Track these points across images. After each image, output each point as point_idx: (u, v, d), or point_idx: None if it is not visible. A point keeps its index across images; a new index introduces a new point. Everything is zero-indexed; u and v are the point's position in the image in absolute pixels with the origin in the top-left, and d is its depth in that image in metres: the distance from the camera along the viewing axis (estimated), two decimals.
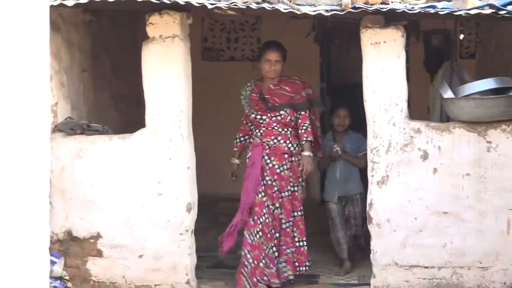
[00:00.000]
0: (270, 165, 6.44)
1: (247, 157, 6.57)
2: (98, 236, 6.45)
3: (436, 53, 8.47)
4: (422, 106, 8.34)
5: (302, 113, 6.50)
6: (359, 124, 6.82)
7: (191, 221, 6.34)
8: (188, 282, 6.36)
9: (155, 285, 6.39)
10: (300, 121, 6.49)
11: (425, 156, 6.03)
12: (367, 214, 6.22)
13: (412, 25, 7.86)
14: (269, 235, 6.37)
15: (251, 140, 6.61)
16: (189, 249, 6.34)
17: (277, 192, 6.43)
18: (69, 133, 6.49)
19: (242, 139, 6.78)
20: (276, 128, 6.49)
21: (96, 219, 6.41)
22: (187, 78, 6.32)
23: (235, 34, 10.23)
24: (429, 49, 8.79)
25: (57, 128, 6.53)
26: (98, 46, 7.49)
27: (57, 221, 6.45)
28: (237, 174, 6.80)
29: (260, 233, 6.35)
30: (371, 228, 6.15)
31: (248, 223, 6.37)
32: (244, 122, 6.77)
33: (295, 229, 6.51)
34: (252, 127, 6.66)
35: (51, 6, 5.87)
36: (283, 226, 6.48)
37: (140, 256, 6.38)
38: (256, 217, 6.35)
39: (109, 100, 7.81)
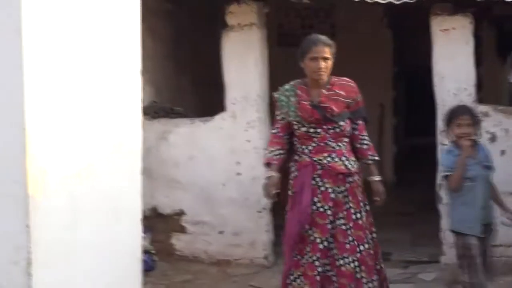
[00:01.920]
0: (323, 188, 5.03)
1: (290, 178, 5.15)
2: (181, 213, 6.88)
3: (509, 37, 8.58)
4: (495, 90, 8.49)
5: (360, 122, 5.19)
6: (432, 107, 6.86)
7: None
8: (266, 257, 6.71)
9: (235, 259, 6.77)
10: (357, 132, 5.17)
11: (493, 139, 6.23)
12: (435, 193, 6.44)
13: (484, 10, 8.00)
14: (317, 277, 4.98)
15: (295, 157, 5.15)
16: (267, 226, 6.69)
17: (330, 223, 5.01)
18: (154, 116, 6.92)
19: (280, 152, 5.14)
20: (330, 143, 5.07)
21: (179, 197, 6.84)
22: (264, 64, 6.66)
23: (309, 21, 10.51)
24: (501, 33, 8.91)
25: (144, 112, 6.96)
26: (179, 34, 7.90)
27: (144, 198, 6.87)
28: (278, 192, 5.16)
29: (302, 277, 5.04)
30: (441, 207, 6.38)
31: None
32: (280, 133, 5.16)
33: (363, 267, 5.02)
34: (296, 142, 5.16)
35: None
36: (337, 263, 5.01)
37: (221, 232, 6.77)
38: (298, 257, 5.04)
39: (190, 85, 8.21)
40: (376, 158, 5.16)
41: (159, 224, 6.89)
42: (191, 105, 7.94)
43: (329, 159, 5.03)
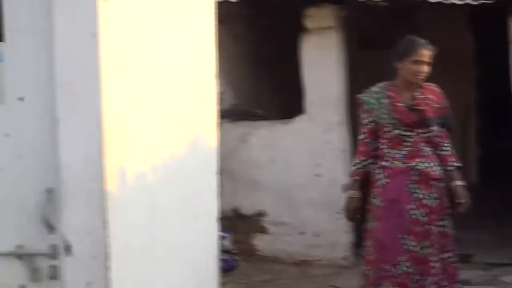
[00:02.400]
0: (417, 195, 4.96)
1: (377, 186, 5.02)
2: (262, 214, 7.02)
3: None
4: None
5: (443, 129, 5.16)
6: None
7: None
8: (345, 258, 6.79)
9: (315, 260, 6.87)
10: (439, 139, 5.12)
11: None
12: None
13: None
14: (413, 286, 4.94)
15: (383, 163, 5.04)
16: (346, 227, 6.76)
17: (425, 229, 4.98)
18: (235, 118, 7.08)
19: (365, 163, 5.08)
20: (422, 147, 5.02)
21: (260, 198, 6.98)
22: (342, 66, 6.74)
23: (390, 23, 10.46)
24: None
25: (224, 115, 7.13)
26: (259, 37, 8.04)
27: (226, 199, 7.06)
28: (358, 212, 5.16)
29: None
30: None
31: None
32: (367, 139, 5.08)
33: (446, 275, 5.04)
34: (384, 146, 5.06)
35: (217, 2, 6.48)
36: (432, 271, 4.99)
37: (301, 233, 6.88)
38: (391, 268, 4.95)
39: (270, 88, 8.34)
40: (458, 164, 5.11)
41: (240, 225, 7.05)
42: (272, 107, 8.07)
43: (423, 164, 4.98)
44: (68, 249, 3.28)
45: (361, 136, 5.09)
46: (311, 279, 6.57)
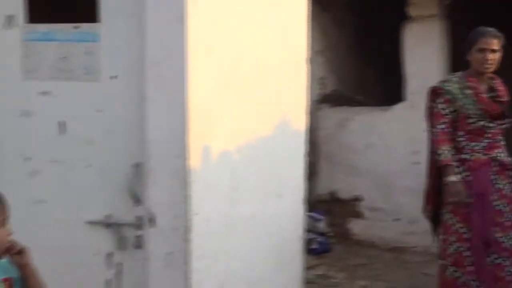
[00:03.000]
0: (496, 186, 4.89)
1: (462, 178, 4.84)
2: (358, 199, 7.07)
3: None
4: None
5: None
6: None
7: None
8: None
9: (410, 247, 6.86)
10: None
11: None
12: None
13: None
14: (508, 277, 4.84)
15: (462, 156, 4.88)
16: None
17: (509, 219, 4.88)
18: (335, 104, 7.15)
19: (452, 152, 4.86)
20: (499, 138, 4.96)
21: (357, 183, 7.03)
22: (444, 55, 6.68)
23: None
24: None
25: (325, 100, 7.22)
26: (365, 24, 8.05)
27: (323, 183, 7.17)
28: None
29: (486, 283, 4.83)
30: None
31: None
32: (448, 129, 4.88)
33: None
34: (461, 138, 4.91)
35: None
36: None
37: (396, 220, 6.89)
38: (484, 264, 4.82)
39: (373, 74, 8.35)
40: None
41: (336, 208, 7.13)
42: (375, 94, 8.08)
43: (501, 154, 4.91)
44: (152, 220, 3.48)
45: (441, 126, 4.85)
46: (405, 266, 6.58)
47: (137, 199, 3.51)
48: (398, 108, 6.85)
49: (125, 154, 3.52)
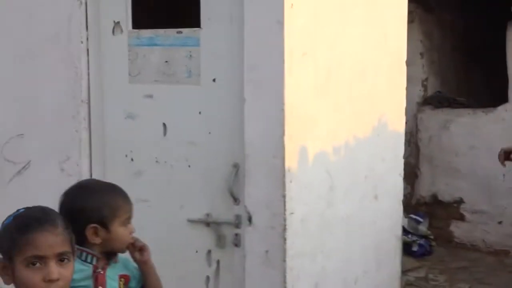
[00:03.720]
0: None
1: None
2: (460, 201, 6.98)
3: None
4: None
5: None
6: None
7: None
8: None
9: None
10: None
11: None
12: None
13: None
14: None
15: None
16: None
17: None
18: (437, 105, 7.09)
19: None
20: None
21: (459, 185, 6.95)
22: None
23: None
24: None
25: (427, 101, 7.17)
26: (470, 25, 7.94)
27: (424, 185, 7.13)
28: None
29: None
30: None
31: None
32: None
33: None
34: None
35: None
36: None
37: (499, 223, 6.78)
38: None
39: (479, 76, 8.21)
40: None
41: (438, 211, 7.07)
42: (480, 95, 7.95)
43: None
44: (250, 219, 3.58)
45: None
46: (508, 269, 6.46)
47: (235, 198, 3.61)
48: (501, 109, 6.74)
49: (224, 154, 3.64)
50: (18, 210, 2.13)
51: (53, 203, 3.79)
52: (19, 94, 3.94)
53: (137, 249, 2.59)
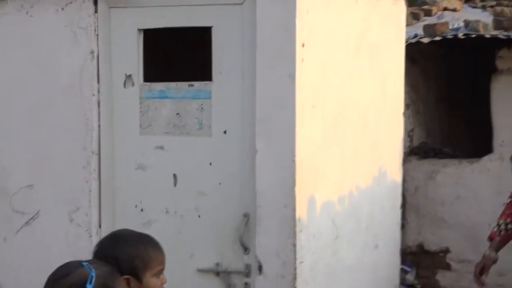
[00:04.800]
0: None
1: None
2: (447, 251, 7.07)
3: None
4: None
5: None
6: None
7: None
8: None
9: None
10: None
11: None
12: None
13: None
14: None
15: None
16: None
17: None
18: (423, 156, 7.22)
19: (504, 227, 4.39)
20: None
21: (445, 235, 7.04)
22: None
23: None
24: None
25: (413, 152, 7.30)
26: (453, 76, 8.14)
27: (411, 235, 7.20)
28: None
29: None
30: None
31: None
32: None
33: None
34: None
35: (410, 43, 6.71)
36: None
37: None
38: None
39: (463, 126, 8.40)
40: None
41: (424, 260, 7.14)
42: (464, 146, 8.12)
43: None
44: (260, 268, 3.64)
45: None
46: None
47: (246, 248, 3.67)
48: (486, 160, 6.88)
49: (234, 204, 3.71)
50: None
51: (62, 253, 3.85)
52: (31, 144, 3.99)
53: None
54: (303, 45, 3.57)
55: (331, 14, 3.84)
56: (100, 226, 3.93)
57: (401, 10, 4.62)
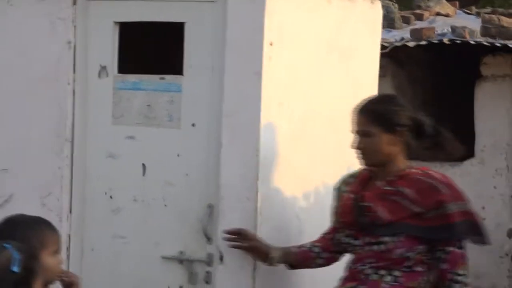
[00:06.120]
0: None
1: None
2: None
3: None
4: None
5: (451, 249, 3.34)
6: None
7: (511, 246, 6.83)
8: None
9: None
10: (445, 266, 3.32)
11: None
12: None
13: None
14: None
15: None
16: (508, 272, 6.81)
17: None
18: (406, 158, 7.32)
19: (314, 248, 3.70)
20: (364, 268, 3.39)
21: None
22: None
23: None
24: None
25: None
26: (439, 81, 8.25)
27: None
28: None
29: None
30: None
31: None
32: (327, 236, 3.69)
33: None
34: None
35: (396, 46, 6.82)
36: None
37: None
38: None
39: (449, 130, 8.49)
40: None
41: None
42: None
43: None
44: (221, 258, 3.75)
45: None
46: None
47: (209, 238, 3.79)
48: (467, 164, 7.01)
49: (199, 196, 3.82)
50: None
51: None
52: (6, 129, 4.11)
53: (67, 283, 2.72)
54: (271, 44, 3.69)
55: (302, 15, 3.94)
56: (70, 212, 4.05)
57: (378, 13, 4.70)
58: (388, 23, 7.96)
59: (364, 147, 3.45)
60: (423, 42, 6.84)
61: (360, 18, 4.47)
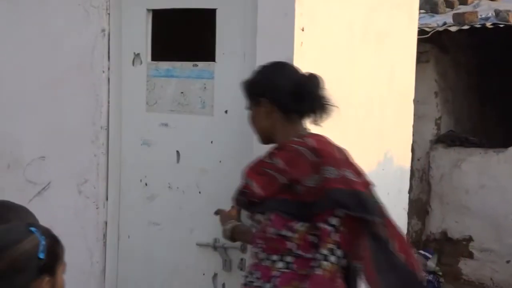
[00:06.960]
0: None
1: None
2: (470, 239, 7.12)
3: None
4: None
5: (320, 225, 2.88)
6: None
7: None
8: None
9: None
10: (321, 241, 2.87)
11: None
12: None
13: None
14: None
15: None
16: None
17: None
18: (450, 144, 7.25)
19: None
20: (259, 249, 3.12)
21: (469, 223, 7.09)
22: None
23: None
24: None
25: (440, 140, 7.33)
26: (485, 66, 8.11)
27: (434, 222, 7.27)
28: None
29: None
30: None
31: None
32: None
33: None
34: None
35: (440, 31, 6.72)
36: None
37: (508, 262, 6.89)
38: None
39: (494, 116, 8.37)
40: None
41: (447, 248, 7.20)
42: (495, 136, 8.10)
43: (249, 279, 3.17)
44: None
45: None
46: None
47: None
48: (511, 150, 6.90)
49: (233, 182, 3.80)
50: None
51: (71, 223, 4.02)
52: (43, 118, 4.16)
53: None
54: (302, 29, 3.65)
55: (334, 0, 3.90)
56: (107, 199, 4.09)
57: None
58: (431, 7, 7.86)
59: (250, 124, 3.28)
60: (466, 27, 6.72)
61: (396, 2, 4.42)
